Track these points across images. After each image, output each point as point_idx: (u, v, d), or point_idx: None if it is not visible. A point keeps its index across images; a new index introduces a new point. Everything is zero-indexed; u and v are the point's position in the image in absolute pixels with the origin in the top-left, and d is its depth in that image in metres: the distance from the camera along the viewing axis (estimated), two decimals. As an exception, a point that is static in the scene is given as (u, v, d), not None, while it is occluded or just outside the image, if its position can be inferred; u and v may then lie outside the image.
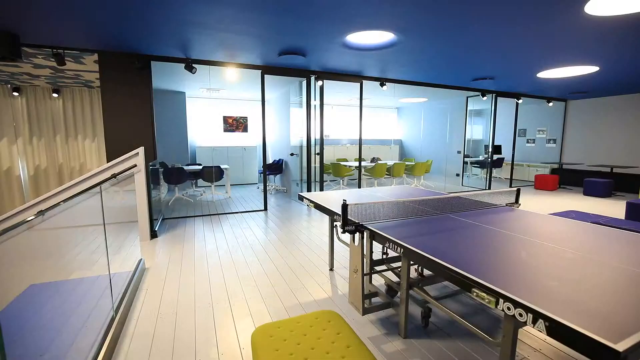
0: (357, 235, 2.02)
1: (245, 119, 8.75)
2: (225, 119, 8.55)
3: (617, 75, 5.86)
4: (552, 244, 1.65)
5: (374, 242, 2.06)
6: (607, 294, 1.11)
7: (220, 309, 2.40)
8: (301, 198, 3.06)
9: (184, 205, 6.13)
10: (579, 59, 4.83)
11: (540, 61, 4.96)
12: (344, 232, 1.95)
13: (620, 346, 0.82)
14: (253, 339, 1.39)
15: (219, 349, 1.95)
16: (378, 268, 2.87)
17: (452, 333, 2.08)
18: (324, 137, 10.21)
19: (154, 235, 4.14)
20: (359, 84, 6.23)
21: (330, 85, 6.98)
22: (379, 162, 8.02)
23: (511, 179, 8.83)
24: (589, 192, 7.36)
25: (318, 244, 3.85)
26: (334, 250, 3.51)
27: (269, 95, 8.44)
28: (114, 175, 3.76)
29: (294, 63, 5.13)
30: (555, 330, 0.95)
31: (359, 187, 6.69)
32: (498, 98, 8.12)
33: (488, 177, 8.34)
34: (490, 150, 8.19)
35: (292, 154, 6.92)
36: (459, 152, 8.82)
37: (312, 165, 6.18)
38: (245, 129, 8.25)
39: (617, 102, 8.17)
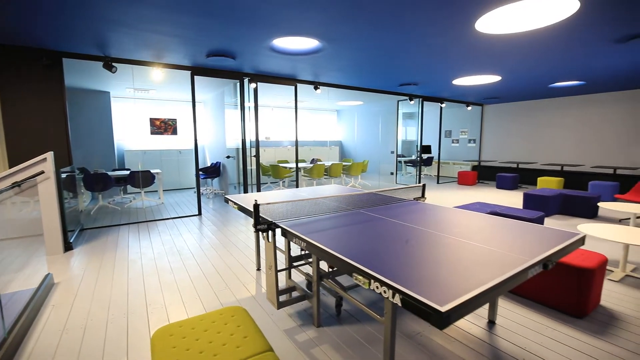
0: (270, 233, 2.11)
1: (174, 121, 8.33)
2: (152, 121, 8.07)
3: (516, 84, 6.77)
4: (434, 230, 1.90)
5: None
6: (455, 270, 1.34)
7: (136, 318, 2.32)
8: (227, 201, 3.07)
9: (109, 214, 5.70)
10: (482, 70, 5.49)
11: (452, 70, 5.55)
12: (256, 231, 2.03)
13: (444, 308, 1.02)
14: (152, 341, 1.41)
15: (129, 357, 1.90)
16: (307, 263, 2.99)
17: (362, 318, 2.27)
18: (265, 139, 10.22)
19: (68, 247, 3.81)
20: (293, 87, 6.36)
21: (268, 87, 7.02)
22: (318, 163, 8.24)
23: (438, 175, 9.66)
24: (500, 185, 8.37)
25: (249, 246, 3.88)
26: (261, 250, 3.57)
27: (204, 96, 8.21)
28: (16, 184, 3.39)
29: (224, 65, 5.08)
30: (406, 301, 1.13)
31: (297, 187, 6.81)
32: (424, 102, 8.85)
33: (418, 175, 9.03)
34: (419, 150, 8.88)
35: (228, 157, 6.81)
36: (392, 152, 9.42)
37: (249, 167, 6.15)
38: (174, 132, 7.88)
39: (521, 106, 9.40)
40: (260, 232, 2.13)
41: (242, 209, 2.69)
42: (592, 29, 3.47)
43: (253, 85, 5.73)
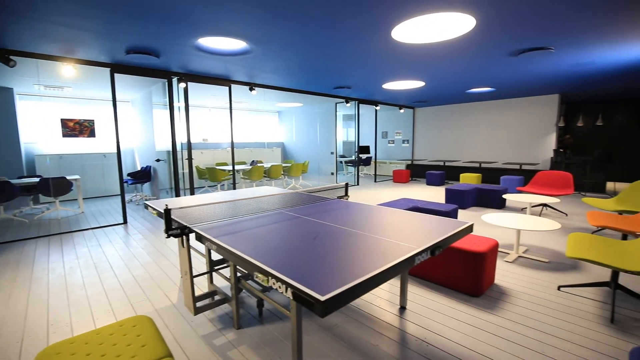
0: (184, 238, 2.05)
1: (91, 122, 7.58)
2: (65, 122, 7.27)
3: (438, 89, 7.41)
4: (343, 226, 2.02)
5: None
6: (348, 262, 1.45)
7: (31, 342, 2.09)
8: (147, 207, 2.91)
9: (14, 228, 5.02)
10: (406, 75, 5.93)
11: (380, 75, 5.89)
12: (168, 236, 1.97)
13: (324, 298, 1.10)
14: (36, 362, 1.29)
15: (20, 385, 1.71)
16: (229, 266, 2.95)
17: (284, 316, 2.32)
18: (203, 141, 9.82)
19: (-46, 268, 3.29)
20: (227, 87, 6.22)
21: (203, 88, 6.77)
22: (258, 164, 8.16)
23: (375, 174, 10.17)
24: (430, 182, 9.09)
25: (176, 253, 3.71)
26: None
27: (132, 96, 7.64)
28: None
29: (148, 63, 4.79)
30: (296, 294, 1.20)
31: (234, 189, 6.67)
32: (361, 105, 9.26)
33: (356, 174, 9.41)
34: (356, 150, 9.25)
35: (157, 160, 6.43)
36: (332, 153, 9.69)
37: (181, 171, 5.87)
38: (92, 134, 7.21)
39: (446, 109, 10.30)
40: (174, 238, 2.07)
41: (161, 215, 2.57)
42: (489, 43, 3.95)
43: (182, 85, 5.49)
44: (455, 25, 3.32)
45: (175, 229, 1.98)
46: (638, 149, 8.96)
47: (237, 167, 7.98)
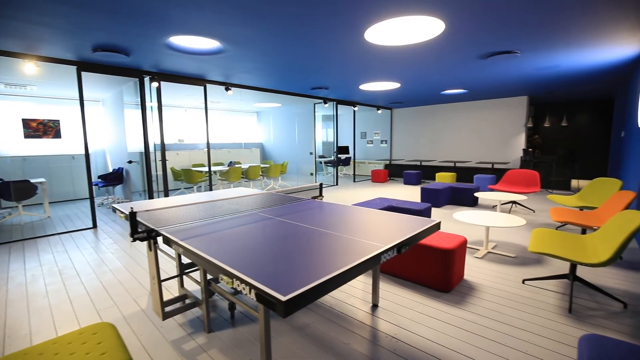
0: (152, 242, 2.01)
1: (56, 122, 7.22)
2: (27, 122, 6.91)
3: (413, 90, 7.58)
4: (314, 226, 2.04)
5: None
6: (314, 262, 1.46)
7: (-12, 354, 1.99)
8: (114, 210, 2.81)
9: (-28, 234, 4.73)
10: (382, 77, 6.02)
11: (356, 76, 5.96)
12: (133, 240, 1.91)
13: (285, 298, 1.11)
14: (-15, 376, 1.23)
15: (-29, 400, 1.62)
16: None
17: (256, 319, 2.31)
18: (179, 142, 9.58)
19: None
20: (202, 87, 6.11)
21: (178, 87, 6.62)
22: (236, 165, 8.06)
23: (354, 174, 10.27)
24: (407, 181, 9.27)
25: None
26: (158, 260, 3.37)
27: (102, 95, 7.37)
28: None
29: (118, 61, 4.64)
30: (259, 295, 1.20)
31: (211, 191, 6.57)
32: (339, 105, 9.32)
33: (335, 174, 9.47)
34: (334, 151, 9.31)
35: (130, 162, 6.23)
36: (311, 153, 9.70)
37: (155, 172, 5.72)
38: (57, 135, 6.88)
39: (422, 110, 10.54)
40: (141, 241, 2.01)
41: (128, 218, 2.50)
42: (458, 46, 4.08)
43: (155, 84, 5.34)
44: (426, 28, 3.41)
45: (142, 232, 1.93)
46: (599, 148, 9.50)
47: (214, 169, 7.85)
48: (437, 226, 2.14)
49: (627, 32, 3.62)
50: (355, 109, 9.77)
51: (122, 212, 2.62)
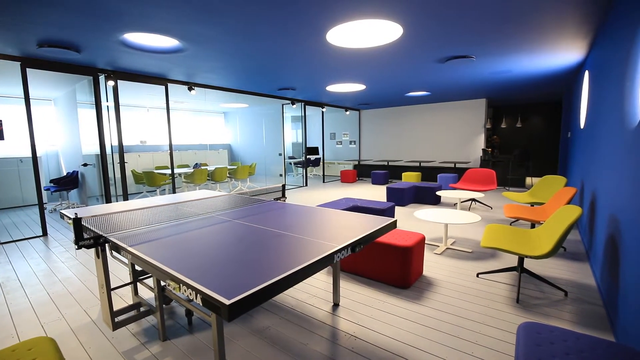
0: (99, 248, 1.90)
1: None
2: None
3: (378, 92, 7.75)
4: (270, 227, 2.03)
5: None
6: (264, 264, 1.45)
7: None
8: (62, 216, 2.64)
9: None
10: (346, 78, 6.11)
11: (321, 77, 6.00)
12: (78, 248, 1.81)
13: (229, 302, 1.09)
14: None
15: None
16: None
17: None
18: (140, 143, 9.17)
19: None
20: (164, 86, 5.89)
21: (139, 87, 6.33)
22: (202, 167, 7.84)
23: (323, 175, 10.33)
24: (375, 181, 9.46)
25: (104, 265, 3.42)
26: (109, 269, 3.21)
27: (54, 93, 6.90)
28: None
29: (68, 58, 4.36)
30: (204, 300, 1.18)
31: (174, 193, 6.35)
32: (308, 106, 9.34)
33: (304, 175, 9.47)
34: (304, 151, 9.31)
35: (85, 164, 5.88)
36: (280, 154, 9.64)
37: (112, 175, 5.43)
38: (0, 136, 6.35)
39: (389, 111, 10.81)
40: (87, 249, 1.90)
41: (76, 224, 2.35)
42: (416, 50, 4.23)
43: (111, 83, 5.08)
44: (385, 32, 3.50)
45: (88, 239, 1.83)
46: (551, 148, 10.21)
47: (178, 171, 7.59)
48: (394, 225, 2.20)
49: (569, 40, 3.92)
50: (324, 110, 9.83)
51: (70, 218, 2.46)
